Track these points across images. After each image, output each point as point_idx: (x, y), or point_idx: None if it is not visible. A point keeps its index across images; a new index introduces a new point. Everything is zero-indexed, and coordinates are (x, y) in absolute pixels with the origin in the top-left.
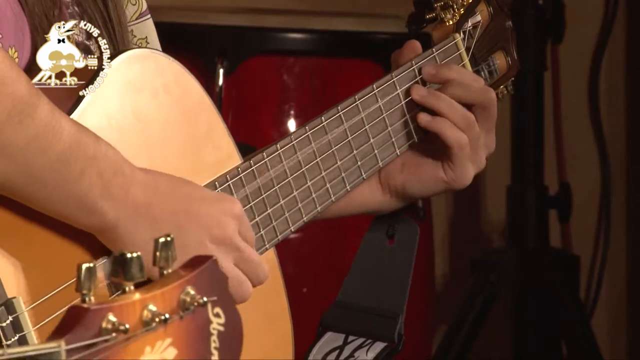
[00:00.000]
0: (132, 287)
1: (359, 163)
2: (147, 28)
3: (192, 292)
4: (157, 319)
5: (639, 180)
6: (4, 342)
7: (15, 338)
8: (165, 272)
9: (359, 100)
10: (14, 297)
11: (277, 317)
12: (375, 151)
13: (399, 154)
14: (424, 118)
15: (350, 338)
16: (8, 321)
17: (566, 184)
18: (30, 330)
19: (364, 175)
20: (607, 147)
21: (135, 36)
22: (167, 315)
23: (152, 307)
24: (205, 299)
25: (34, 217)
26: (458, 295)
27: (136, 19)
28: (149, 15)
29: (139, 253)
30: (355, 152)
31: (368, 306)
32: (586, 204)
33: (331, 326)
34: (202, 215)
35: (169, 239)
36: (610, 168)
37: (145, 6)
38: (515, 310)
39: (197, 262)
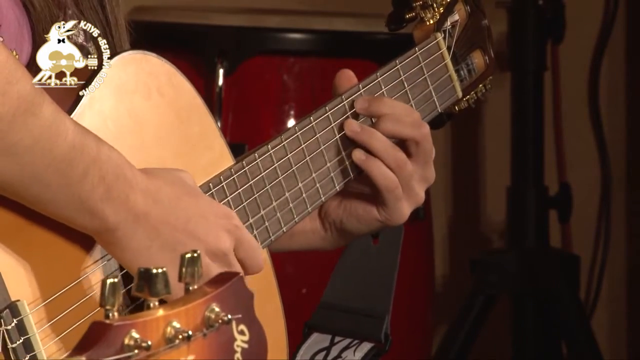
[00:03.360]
0: (156, 303)
1: (347, 162)
2: None
3: (217, 309)
4: (180, 336)
5: (639, 180)
6: (9, 345)
7: (20, 341)
8: (190, 288)
9: (345, 100)
10: (18, 300)
11: (271, 318)
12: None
13: None
14: (358, 156)
15: (337, 339)
16: (13, 324)
17: (566, 184)
18: (35, 333)
19: (351, 175)
20: (607, 147)
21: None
22: (190, 333)
23: (176, 324)
24: (229, 316)
25: (36, 219)
26: (458, 295)
27: None
28: None
29: (164, 268)
30: (343, 153)
31: (354, 306)
32: (586, 204)
33: (317, 327)
34: (200, 231)
35: (195, 255)
36: (610, 168)
37: None
38: (515, 311)
39: (222, 278)
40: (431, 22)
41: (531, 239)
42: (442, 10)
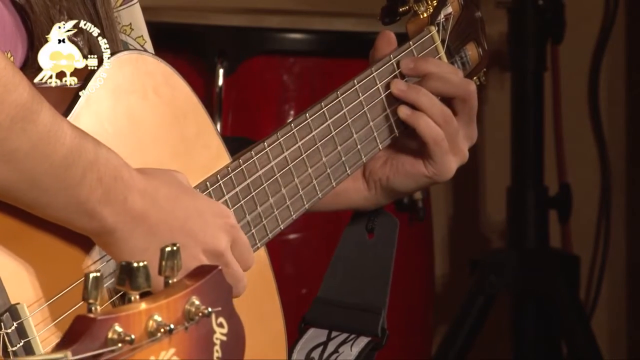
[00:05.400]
0: (137, 297)
1: (343, 159)
2: (133, 14)
3: (197, 302)
4: (162, 330)
5: (639, 180)
6: (9, 349)
7: (20, 344)
8: (170, 281)
9: (341, 95)
10: (18, 303)
11: (270, 317)
12: (359, 146)
13: (380, 148)
14: (404, 111)
15: (334, 334)
16: (13, 327)
17: (566, 185)
18: (35, 336)
19: (348, 171)
20: (607, 147)
21: (119, 23)
22: (172, 326)
23: (158, 318)
24: (209, 309)
25: (35, 222)
26: (458, 295)
27: (120, 5)
28: (135, 1)
29: (145, 262)
30: (339, 147)
31: (350, 301)
32: (586, 204)
33: (314, 322)
34: (197, 230)
35: (174, 248)
36: (610, 168)
37: None
38: (515, 311)
39: (202, 271)
40: (425, 15)
41: (531, 239)
42: (435, 4)
